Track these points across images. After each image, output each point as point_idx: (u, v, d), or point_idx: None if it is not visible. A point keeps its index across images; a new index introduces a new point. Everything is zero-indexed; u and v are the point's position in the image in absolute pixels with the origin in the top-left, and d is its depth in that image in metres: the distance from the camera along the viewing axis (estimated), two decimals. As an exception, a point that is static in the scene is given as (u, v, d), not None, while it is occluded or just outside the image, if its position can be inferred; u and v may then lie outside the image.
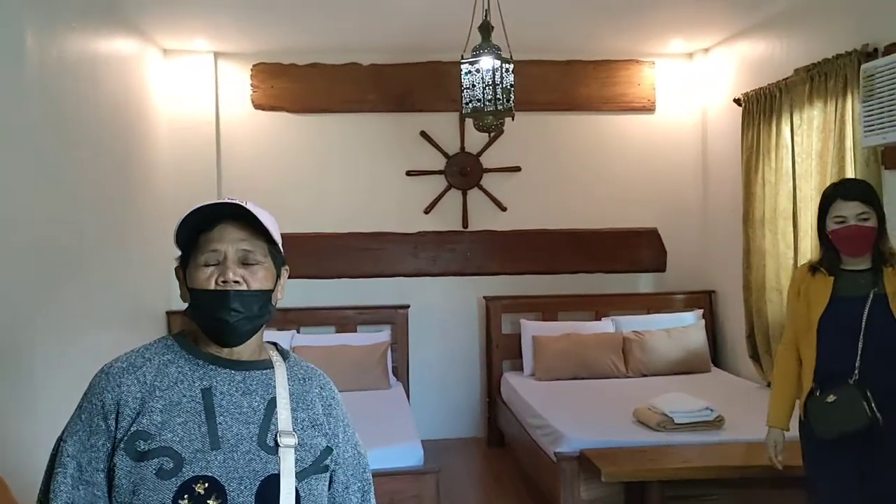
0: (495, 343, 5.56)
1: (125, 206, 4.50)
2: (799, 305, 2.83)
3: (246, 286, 1.41)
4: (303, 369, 1.53)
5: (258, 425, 1.39)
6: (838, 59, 3.91)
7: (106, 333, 3.95)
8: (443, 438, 5.54)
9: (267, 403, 1.42)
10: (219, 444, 1.34)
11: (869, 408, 2.58)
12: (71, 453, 1.36)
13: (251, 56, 5.50)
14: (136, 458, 1.31)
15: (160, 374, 1.39)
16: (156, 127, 5.14)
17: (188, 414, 1.36)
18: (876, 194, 2.75)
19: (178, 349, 1.44)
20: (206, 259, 1.41)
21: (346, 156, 5.63)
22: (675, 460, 3.44)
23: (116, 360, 1.42)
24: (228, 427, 1.37)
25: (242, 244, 1.43)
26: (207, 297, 1.40)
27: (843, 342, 2.67)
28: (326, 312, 5.47)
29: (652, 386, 4.69)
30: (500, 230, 5.74)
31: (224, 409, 1.38)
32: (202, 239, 1.42)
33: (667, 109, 5.84)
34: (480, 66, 3.74)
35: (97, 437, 1.35)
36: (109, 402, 1.35)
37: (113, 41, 4.40)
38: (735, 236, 4.99)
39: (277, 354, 1.52)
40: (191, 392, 1.38)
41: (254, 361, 1.46)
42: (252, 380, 1.43)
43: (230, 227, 1.43)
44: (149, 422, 1.34)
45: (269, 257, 1.47)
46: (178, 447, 1.32)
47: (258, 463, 1.36)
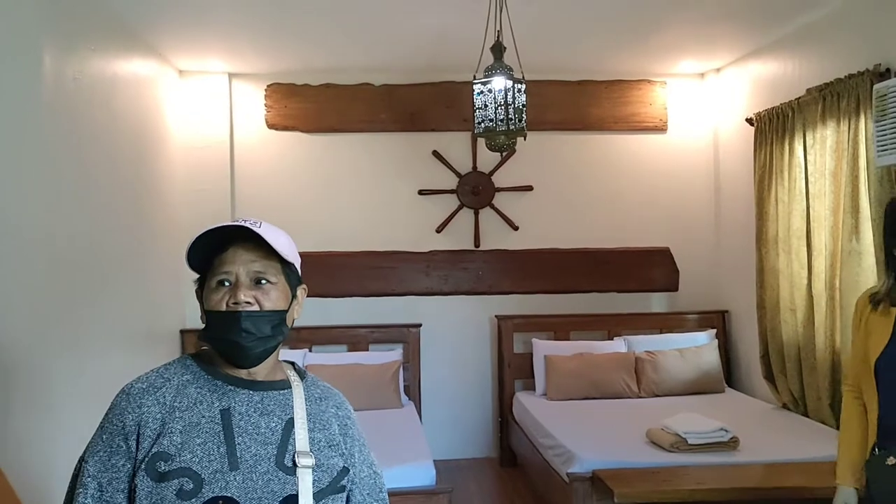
0: (507, 362, 5.54)
1: (140, 226, 4.54)
2: (858, 340, 2.38)
3: (258, 307, 1.42)
4: (319, 389, 1.54)
5: (276, 446, 1.40)
6: (850, 78, 3.91)
7: (120, 353, 3.97)
8: (455, 458, 5.52)
9: (284, 424, 1.43)
10: (237, 465, 1.35)
11: None
12: (92, 473, 1.37)
13: (265, 76, 5.56)
14: (157, 479, 1.32)
15: (180, 394, 1.40)
16: (171, 147, 5.18)
17: (207, 434, 1.37)
18: None
19: (196, 369, 1.45)
20: (218, 281, 1.43)
21: (358, 175, 5.66)
22: (689, 482, 3.41)
23: (137, 381, 1.43)
24: (247, 448, 1.38)
25: (254, 265, 1.44)
26: (219, 319, 1.41)
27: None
28: (338, 331, 5.48)
29: (665, 406, 4.65)
30: (512, 249, 5.74)
31: (242, 429, 1.39)
32: (216, 261, 1.44)
33: (679, 129, 5.84)
34: (493, 86, 3.76)
35: (118, 457, 1.36)
36: (130, 422, 1.37)
37: (129, 63, 4.46)
38: (748, 256, 4.97)
39: (295, 374, 1.53)
40: (210, 413, 1.39)
41: (272, 382, 1.47)
42: (270, 400, 1.44)
43: (242, 248, 1.44)
44: (169, 442, 1.35)
45: (283, 277, 1.47)
46: (197, 468, 1.33)
47: (276, 483, 1.37)
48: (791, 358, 4.48)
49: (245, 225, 1.43)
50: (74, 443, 1.47)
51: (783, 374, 4.59)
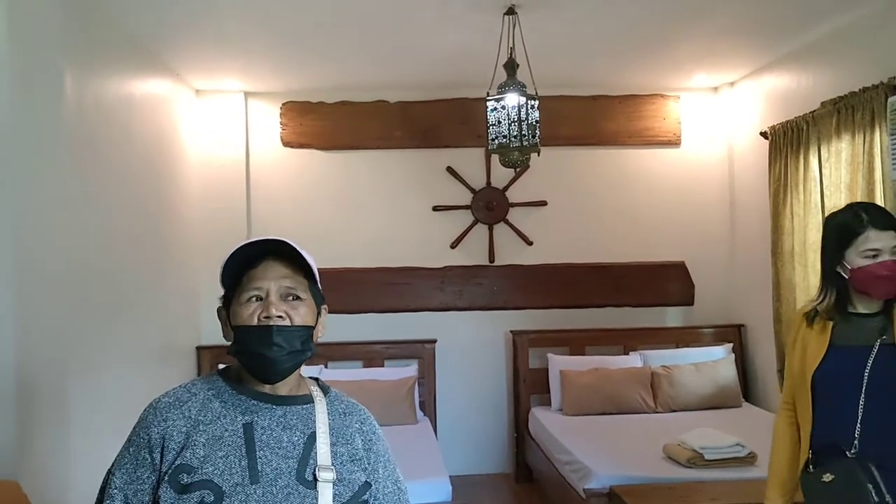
0: (522, 378, 5.54)
1: (157, 244, 4.58)
2: (795, 357, 2.33)
3: (289, 321, 1.45)
4: (343, 404, 1.56)
5: (297, 460, 1.41)
6: (865, 91, 3.90)
7: (138, 370, 4.01)
8: (470, 474, 5.51)
9: (307, 438, 1.44)
10: (258, 479, 1.37)
11: (876, 491, 2.01)
12: (118, 485, 1.40)
13: (281, 95, 5.61)
14: (179, 491, 1.35)
15: (204, 408, 1.43)
16: (187, 165, 5.24)
17: (229, 448, 1.39)
18: None
19: (222, 384, 1.48)
20: (249, 296, 1.45)
21: (373, 192, 5.70)
22: (705, 497, 3.39)
23: (164, 395, 1.46)
24: (268, 461, 1.39)
25: (285, 281, 1.47)
26: (250, 333, 1.43)
27: (842, 404, 2.16)
28: (354, 347, 5.50)
29: (681, 421, 4.63)
30: (527, 264, 5.75)
31: (264, 443, 1.41)
32: (246, 277, 1.47)
33: (693, 143, 5.84)
34: (506, 102, 3.79)
35: (143, 469, 1.39)
36: (156, 435, 1.40)
37: (146, 83, 4.52)
38: (764, 269, 4.95)
39: (318, 390, 1.55)
40: (233, 426, 1.41)
41: (294, 396, 1.49)
42: (292, 415, 1.46)
43: (273, 264, 1.48)
44: (192, 455, 1.37)
45: (311, 294, 1.51)
46: (218, 480, 1.35)
47: (296, 497, 1.38)
48: (808, 372, 4.44)
49: (282, 239, 1.47)
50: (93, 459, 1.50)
51: (801, 389, 4.55)
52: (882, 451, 2.08)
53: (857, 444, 2.10)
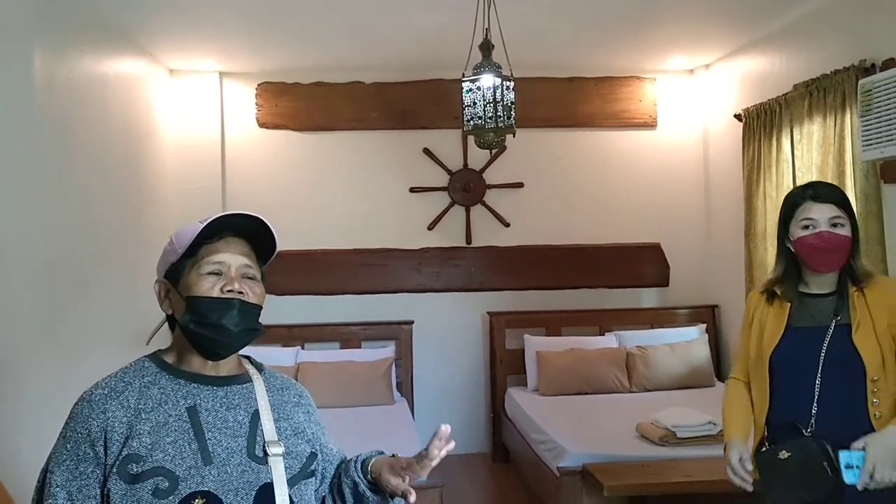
0: (499, 358, 5.57)
1: (131, 225, 4.55)
2: (751, 335, 2.37)
3: (248, 298, 1.46)
4: (278, 380, 1.58)
5: (245, 438, 1.42)
6: (836, 74, 3.94)
7: (110, 353, 3.97)
8: (447, 455, 5.52)
9: (251, 416, 1.45)
10: (211, 459, 1.37)
11: (831, 468, 2.04)
12: (59, 483, 1.36)
13: (256, 75, 5.57)
14: (130, 481, 1.33)
15: (143, 396, 1.41)
16: (162, 146, 5.19)
17: (177, 433, 1.38)
18: (850, 203, 2.29)
19: (156, 370, 1.46)
20: (209, 269, 1.45)
21: (350, 173, 5.68)
22: (677, 474, 3.44)
23: (96, 387, 1.43)
24: (218, 442, 1.40)
25: (245, 259, 1.48)
26: (212, 305, 1.42)
27: (799, 383, 2.20)
28: (331, 328, 5.50)
29: (655, 401, 4.69)
30: (504, 246, 5.77)
31: (211, 424, 1.41)
32: (204, 250, 1.46)
33: (668, 125, 5.87)
34: (481, 83, 3.78)
35: (85, 464, 1.36)
36: (96, 429, 1.37)
37: (120, 62, 4.47)
38: (737, 250, 5.01)
39: (253, 367, 1.55)
40: (176, 411, 1.41)
41: (233, 376, 1.49)
42: (234, 394, 1.47)
43: (235, 240, 1.48)
44: (139, 444, 1.36)
45: (259, 276, 1.52)
46: (170, 466, 1.35)
47: (251, 474, 1.39)
48: (780, 351, 4.51)
49: (258, 216, 1.47)
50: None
51: (772, 368, 4.62)
52: (837, 430, 2.11)
53: (814, 422, 2.14)
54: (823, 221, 2.18)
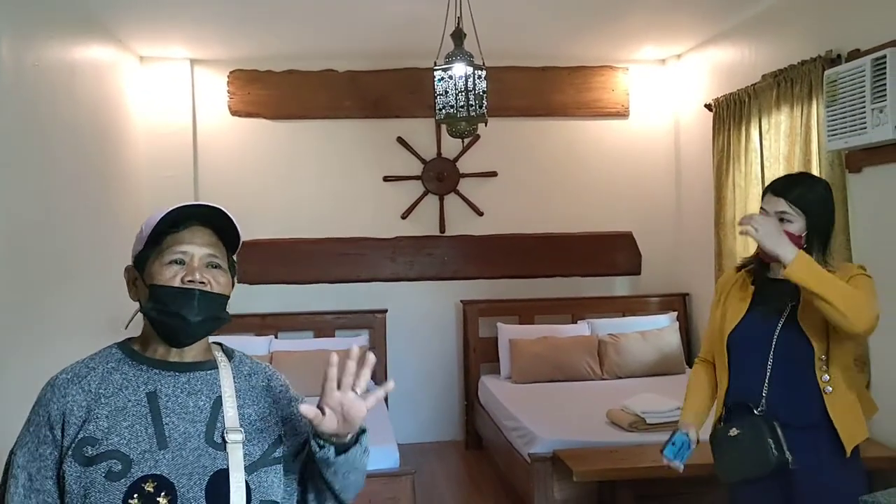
0: (472, 347, 5.60)
1: (102, 213, 4.51)
2: (717, 316, 2.45)
3: (209, 288, 1.45)
4: (247, 366, 1.57)
5: (205, 423, 1.42)
6: (803, 65, 3.99)
7: (82, 342, 3.93)
8: (421, 442, 5.58)
9: (213, 402, 1.45)
10: (166, 444, 1.38)
11: (777, 446, 2.15)
12: (21, 464, 1.40)
13: (228, 63, 5.53)
14: (85, 464, 1.35)
15: (104, 381, 1.42)
16: (133, 134, 5.15)
17: (134, 417, 1.39)
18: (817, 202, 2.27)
19: (121, 356, 1.47)
20: (172, 258, 1.44)
21: (323, 162, 5.66)
22: (646, 460, 3.47)
23: (62, 372, 1.45)
24: (175, 427, 1.40)
25: (209, 248, 1.47)
26: (172, 294, 1.42)
27: (752, 364, 2.28)
28: (304, 317, 5.50)
29: (627, 387, 4.74)
30: (477, 235, 5.79)
31: (170, 410, 1.41)
32: (169, 239, 1.45)
33: (640, 115, 5.92)
34: (453, 72, 3.80)
35: (45, 446, 1.39)
36: (55, 412, 1.39)
37: (89, 49, 4.42)
38: (707, 239, 5.07)
39: (222, 354, 1.55)
40: (136, 396, 1.41)
41: (198, 363, 1.49)
42: (197, 380, 1.46)
43: (199, 229, 1.47)
44: (95, 427, 1.37)
45: (227, 264, 1.51)
46: (125, 449, 1.36)
47: (207, 459, 1.39)
48: (748, 339, 4.58)
49: (218, 207, 1.46)
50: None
51: (740, 355, 4.69)
52: (787, 410, 2.22)
53: (764, 402, 2.24)
54: (773, 214, 2.24)
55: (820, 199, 2.28)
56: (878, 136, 3.36)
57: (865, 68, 3.39)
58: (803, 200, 2.25)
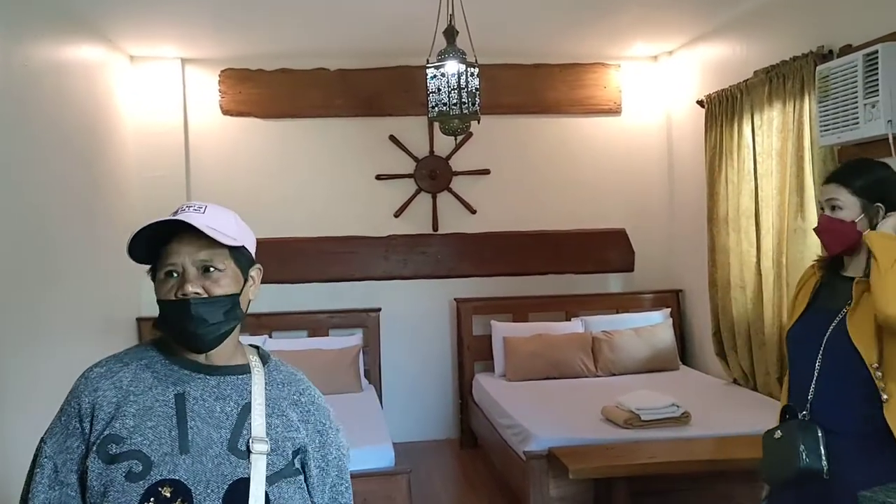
0: (466, 345, 5.60)
1: (93, 214, 4.48)
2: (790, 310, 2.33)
3: (207, 295, 1.41)
4: (282, 374, 1.53)
5: (230, 430, 1.40)
6: (795, 60, 4.00)
7: (75, 343, 3.93)
8: (416, 441, 5.57)
9: (241, 409, 1.43)
10: (188, 448, 1.37)
11: (810, 454, 2.02)
12: (48, 454, 1.39)
13: (219, 62, 5.50)
14: (108, 461, 1.34)
15: (136, 378, 1.42)
16: (123, 134, 5.12)
17: (160, 418, 1.38)
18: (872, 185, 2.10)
19: (154, 354, 1.46)
20: (166, 272, 1.42)
21: (315, 160, 5.64)
22: (641, 456, 3.50)
23: (97, 365, 1.45)
24: (199, 431, 1.39)
25: (200, 255, 1.42)
26: (170, 307, 1.41)
27: (803, 364, 2.16)
28: (298, 317, 5.48)
29: (621, 384, 4.75)
30: (471, 233, 5.78)
31: (196, 413, 1.40)
32: (163, 252, 1.42)
33: (633, 112, 5.92)
34: (446, 70, 3.78)
35: (73, 439, 1.38)
36: (86, 405, 1.39)
37: (79, 48, 4.39)
38: (700, 235, 5.07)
39: (257, 359, 1.52)
40: (164, 397, 1.40)
41: (230, 366, 1.47)
42: (226, 385, 1.45)
43: (187, 239, 1.41)
44: (121, 425, 1.36)
45: (232, 261, 1.45)
46: (147, 450, 1.35)
47: (227, 467, 1.37)
48: (741, 334, 4.59)
49: (184, 217, 1.40)
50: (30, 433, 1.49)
51: (734, 351, 4.70)
52: (830, 414, 2.07)
53: (810, 406, 2.11)
54: (824, 203, 2.15)
55: (876, 182, 2.11)
56: (870, 130, 3.36)
57: (857, 63, 3.39)
58: (854, 183, 2.10)
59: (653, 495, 3.49)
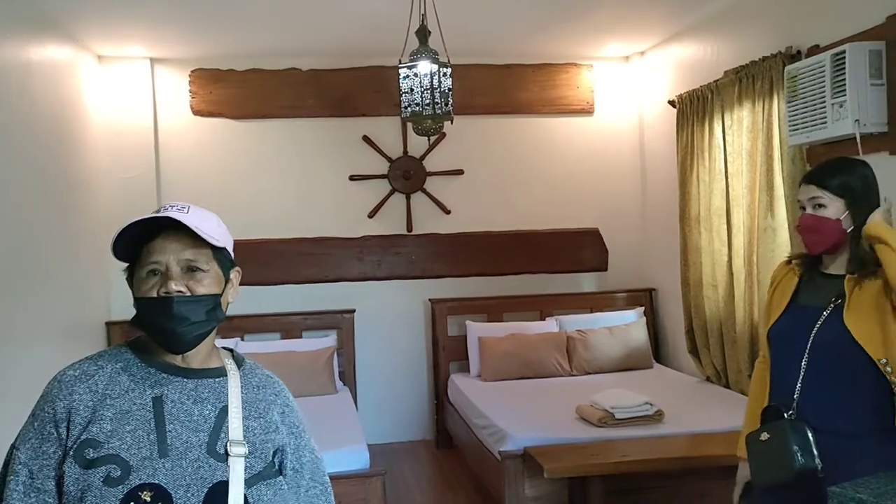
0: (441, 345, 5.59)
1: (63, 217, 4.41)
2: (765, 307, 2.32)
3: (190, 294, 1.41)
4: (257, 377, 1.54)
5: (208, 433, 1.40)
6: (765, 61, 4.04)
7: (43, 346, 3.87)
8: (391, 442, 5.55)
9: (218, 412, 1.43)
10: (167, 452, 1.36)
11: (802, 454, 1.99)
12: (23, 460, 1.37)
13: (189, 62, 5.44)
14: (85, 466, 1.33)
15: (112, 382, 1.40)
16: (92, 135, 5.05)
17: (138, 422, 1.37)
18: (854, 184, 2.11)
19: (130, 357, 1.44)
20: (148, 270, 1.41)
21: (288, 161, 5.61)
22: (615, 455, 3.51)
23: (70, 368, 1.42)
24: (177, 435, 1.38)
25: (185, 254, 1.41)
26: (150, 305, 1.39)
27: (789, 364, 2.13)
28: (271, 319, 5.44)
29: (596, 383, 4.77)
30: (445, 233, 5.78)
31: (174, 416, 1.39)
32: (144, 250, 1.41)
33: (605, 112, 5.95)
34: (418, 70, 3.78)
35: (48, 444, 1.36)
36: (61, 410, 1.36)
37: (45, 48, 4.32)
38: (673, 235, 5.11)
39: (232, 362, 1.52)
40: (141, 400, 1.39)
41: (207, 369, 1.46)
42: (204, 388, 1.44)
43: (171, 237, 1.41)
44: (98, 430, 1.35)
45: (216, 262, 1.46)
46: (125, 455, 1.34)
47: (206, 470, 1.37)
48: (713, 332, 4.63)
49: (170, 215, 1.40)
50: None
51: (706, 349, 4.74)
52: (817, 414, 2.05)
53: (796, 405, 2.08)
54: (806, 202, 2.13)
55: (859, 180, 2.12)
56: (838, 130, 3.40)
57: (825, 64, 3.43)
58: (837, 182, 2.10)
59: (627, 493, 3.51)
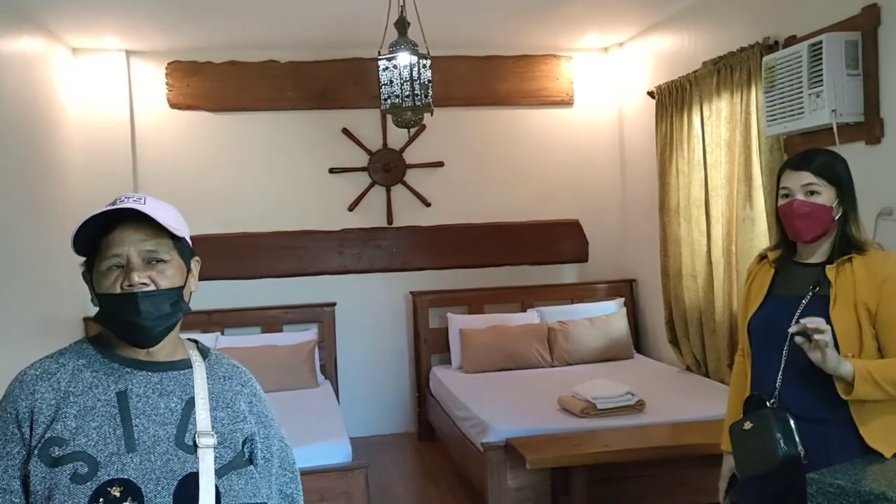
0: (423, 338, 5.58)
1: (38, 211, 4.36)
2: (742, 300, 2.34)
3: (154, 286, 1.39)
4: (223, 367, 1.53)
5: (175, 426, 1.39)
6: (742, 51, 4.06)
7: (20, 342, 3.82)
8: (373, 435, 5.55)
9: (185, 404, 1.42)
10: (135, 447, 1.34)
11: (786, 441, 2.01)
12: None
13: (165, 54, 5.38)
14: (51, 464, 1.31)
15: (74, 379, 1.38)
16: (67, 128, 4.98)
17: (103, 418, 1.35)
18: (842, 172, 2.13)
19: (92, 353, 1.42)
20: (109, 264, 1.39)
21: (267, 154, 5.56)
22: (597, 445, 3.53)
23: (31, 367, 1.40)
24: (145, 429, 1.37)
25: (145, 244, 1.40)
26: (115, 301, 1.38)
27: (769, 353, 2.15)
28: (251, 313, 5.41)
29: (577, 374, 4.79)
30: (425, 225, 5.76)
31: (140, 411, 1.38)
32: (103, 243, 1.39)
33: (585, 103, 5.95)
34: (398, 62, 3.76)
35: (12, 444, 1.34)
36: (23, 409, 1.35)
37: (17, 40, 4.25)
38: (652, 225, 5.13)
39: (197, 353, 1.51)
40: (106, 396, 1.37)
41: (171, 362, 1.45)
42: (169, 380, 1.43)
43: (130, 228, 1.39)
44: (63, 427, 1.33)
45: (176, 252, 1.44)
46: (92, 451, 1.32)
47: (176, 463, 1.36)
48: (693, 322, 4.66)
49: (128, 206, 1.38)
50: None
51: (686, 338, 4.77)
52: (800, 402, 2.07)
53: (778, 394, 2.10)
54: (797, 189, 2.11)
55: (844, 169, 2.15)
56: (815, 120, 3.42)
57: (802, 54, 3.45)
58: (829, 170, 2.11)
59: (609, 482, 3.53)
